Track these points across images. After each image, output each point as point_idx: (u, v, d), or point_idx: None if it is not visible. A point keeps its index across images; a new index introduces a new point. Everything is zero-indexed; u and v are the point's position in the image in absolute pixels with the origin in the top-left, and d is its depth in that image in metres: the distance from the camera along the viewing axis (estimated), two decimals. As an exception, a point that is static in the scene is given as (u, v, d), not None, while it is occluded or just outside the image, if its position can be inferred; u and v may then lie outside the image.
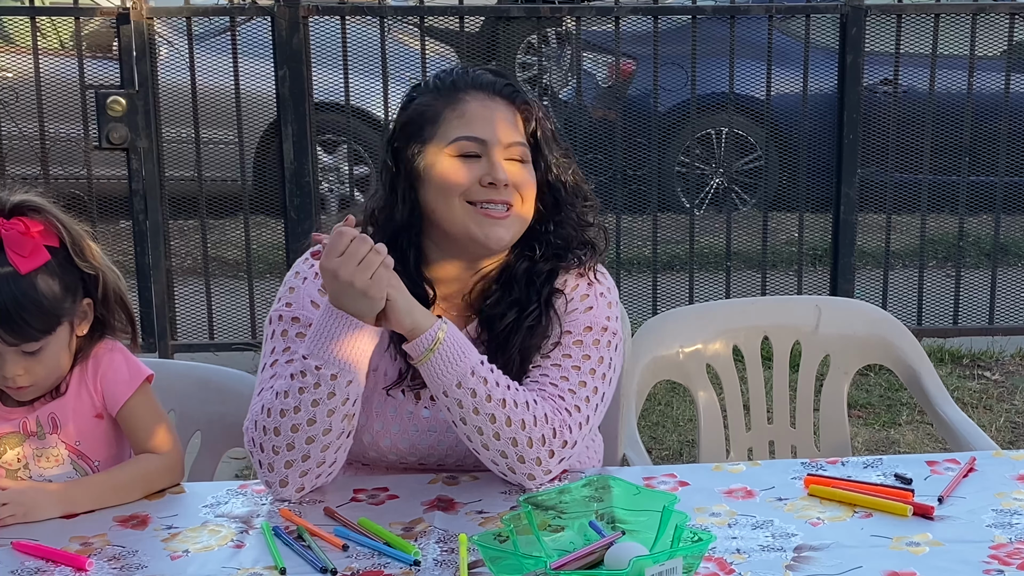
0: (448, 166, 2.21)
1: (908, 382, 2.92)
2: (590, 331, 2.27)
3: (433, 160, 2.22)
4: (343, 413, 2.13)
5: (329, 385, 2.10)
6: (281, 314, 2.25)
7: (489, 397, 2.12)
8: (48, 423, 2.21)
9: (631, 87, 6.19)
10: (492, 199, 2.20)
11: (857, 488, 2.13)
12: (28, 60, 5.16)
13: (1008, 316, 5.55)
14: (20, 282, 2.10)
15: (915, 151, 5.44)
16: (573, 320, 2.28)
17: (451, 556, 1.95)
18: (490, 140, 2.21)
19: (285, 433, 2.12)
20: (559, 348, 2.25)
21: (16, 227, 2.12)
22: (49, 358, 2.16)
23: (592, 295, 2.31)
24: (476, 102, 2.24)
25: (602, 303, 2.31)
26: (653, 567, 1.75)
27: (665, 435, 4.65)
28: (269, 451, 2.14)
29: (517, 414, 2.14)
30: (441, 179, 2.21)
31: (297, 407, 2.11)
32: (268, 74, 5.09)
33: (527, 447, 2.14)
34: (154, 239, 5.09)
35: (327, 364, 2.09)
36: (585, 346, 2.26)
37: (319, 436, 2.12)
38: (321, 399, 2.10)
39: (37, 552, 1.99)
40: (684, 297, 5.37)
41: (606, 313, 2.31)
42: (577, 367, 2.24)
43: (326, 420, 2.11)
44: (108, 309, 2.24)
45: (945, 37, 5.25)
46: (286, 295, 2.27)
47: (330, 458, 2.15)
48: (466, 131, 2.21)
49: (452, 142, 2.21)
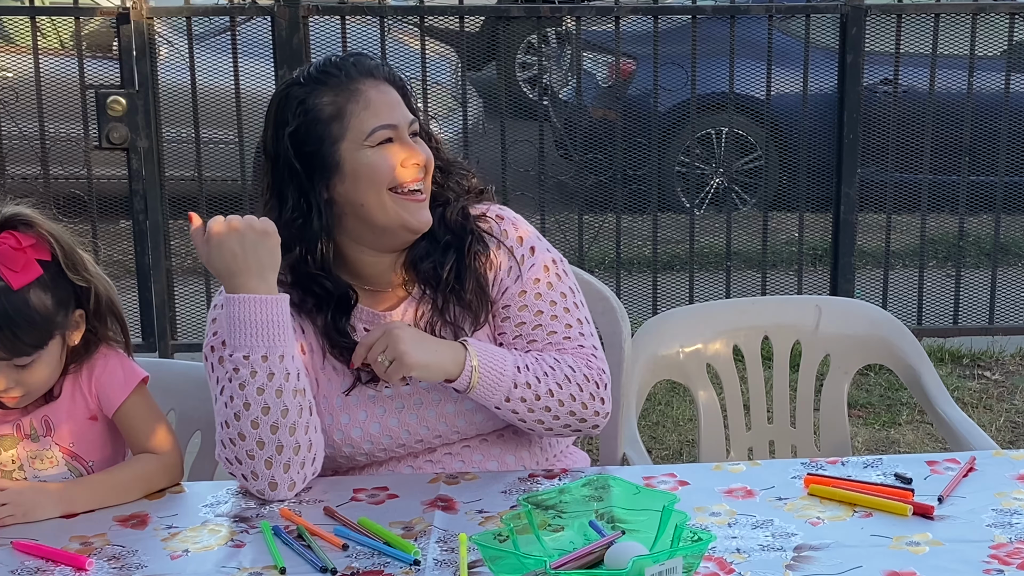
0: (374, 158, 2.22)
1: (908, 382, 2.92)
2: (547, 271, 2.33)
3: (354, 156, 2.21)
4: (291, 389, 2.14)
5: (263, 367, 2.11)
6: (212, 345, 2.25)
7: (537, 396, 2.23)
8: (42, 426, 2.21)
9: (631, 87, 6.19)
10: (415, 178, 2.22)
11: (857, 488, 2.13)
12: (28, 60, 5.15)
13: (1008, 316, 5.55)
14: (12, 298, 2.09)
15: (915, 151, 5.44)
16: (530, 269, 2.31)
17: (451, 556, 1.95)
18: (399, 123, 2.24)
19: (249, 434, 2.13)
20: (540, 300, 2.31)
21: (7, 241, 2.11)
22: (41, 370, 2.15)
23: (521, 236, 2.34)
24: (373, 89, 2.25)
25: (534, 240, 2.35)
26: (653, 567, 1.75)
27: (665, 435, 4.65)
28: (245, 459, 2.14)
29: (564, 392, 2.24)
30: (371, 171, 2.21)
31: (247, 403, 2.12)
32: (268, 74, 5.08)
33: (584, 409, 2.28)
34: (154, 239, 5.09)
35: (251, 348, 2.12)
36: (554, 287, 2.32)
37: (280, 421, 2.13)
38: (263, 385, 2.12)
39: (37, 552, 1.99)
40: (684, 297, 5.37)
41: (542, 246, 2.35)
42: (567, 309, 2.32)
43: (278, 402, 2.12)
44: (100, 319, 2.23)
45: (945, 37, 5.24)
46: (211, 327, 2.28)
47: (304, 441, 2.15)
48: (378, 120, 2.22)
49: (371, 134, 2.21)
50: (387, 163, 2.21)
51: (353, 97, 2.22)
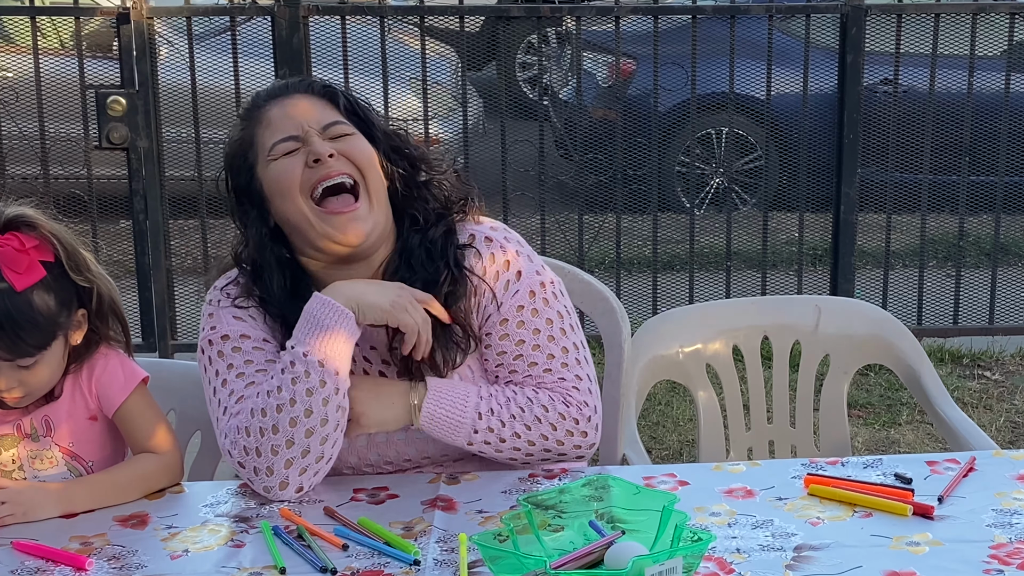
0: (275, 170, 2.21)
1: (908, 382, 2.92)
2: (533, 296, 2.27)
3: (263, 174, 2.23)
4: (336, 404, 2.13)
5: (318, 372, 2.10)
6: (210, 339, 2.25)
7: (502, 439, 2.22)
8: (42, 425, 2.21)
9: (631, 87, 6.19)
10: (328, 175, 2.18)
11: (857, 488, 2.13)
12: (28, 60, 5.15)
13: (1008, 316, 5.55)
14: (16, 299, 2.09)
15: (915, 151, 5.44)
16: (513, 296, 2.26)
17: (451, 556, 1.95)
18: (302, 132, 2.22)
19: (284, 429, 2.12)
20: (523, 328, 2.25)
21: (11, 243, 2.11)
22: (43, 370, 2.15)
23: (508, 260, 2.28)
24: (276, 108, 2.26)
25: (522, 263, 2.29)
26: (653, 567, 1.75)
27: (665, 435, 4.65)
28: (267, 453, 2.13)
29: (535, 432, 2.23)
30: (276, 184, 2.21)
31: (293, 399, 2.11)
32: (268, 74, 5.08)
33: (560, 445, 2.25)
34: (154, 239, 5.09)
35: (312, 351, 2.11)
36: (540, 314, 2.27)
37: (317, 428, 2.12)
38: (314, 388, 2.11)
39: (37, 552, 1.99)
40: (684, 297, 5.37)
41: (531, 268, 2.29)
42: (551, 337, 2.27)
43: (322, 410, 2.12)
44: (102, 319, 2.23)
45: (945, 37, 5.24)
46: (208, 322, 2.28)
47: (328, 452, 2.15)
48: (277, 135, 2.22)
49: (271, 148, 2.22)
50: (289, 169, 2.20)
51: (258, 121, 2.26)
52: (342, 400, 2.14)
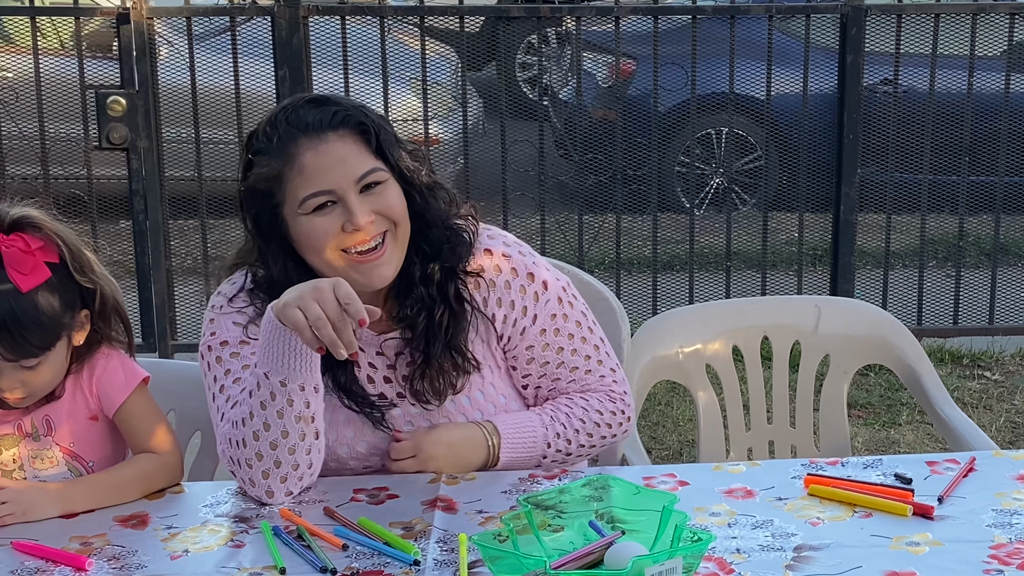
0: (307, 226, 2.17)
1: (908, 382, 2.92)
2: (561, 302, 2.34)
3: (292, 223, 2.18)
4: (294, 415, 2.11)
5: (267, 384, 2.10)
6: (210, 344, 2.26)
7: (569, 453, 2.34)
8: (43, 425, 2.21)
9: (631, 87, 6.18)
10: (362, 240, 2.16)
11: (857, 488, 2.13)
12: (28, 60, 5.15)
13: (1008, 316, 5.55)
14: (21, 300, 2.09)
15: (915, 151, 5.43)
16: (545, 306, 2.32)
17: (451, 556, 1.95)
18: (338, 188, 2.15)
19: (251, 443, 2.13)
20: (560, 336, 2.33)
21: (16, 244, 2.11)
22: (46, 371, 2.16)
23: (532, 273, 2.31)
24: (310, 152, 2.15)
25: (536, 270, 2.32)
26: (653, 567, 1.76)
27: (665, 435, 4.65)
28: (244, 465, 2.15)
29: (596, 436, 2.36)
30: (306, 240, 2.18)
31: (251, 413, 2.12)
32: (268, 74, 5.08)
33: (613, 437, 2.39)
34: (154, 239, 5.09)
35: (274, 372, 2.09)
36: (569, 318, 2.35)
37: (280, 440, 2.12)
38: (267, 401, 2.11)
39: (37, 552, 1.99)
40: (684, 297, 5.37)
41: (544, 277, 2.33)
42: (584, 339, 2.36)
43: (279, 423, 2.11)
44: (105, 320, 2.23)
45: (945, 37, 5.24)
46: (208, 327, 2.28)
47: (303, 461, 2.15)
48: (311, 188, 2.15)
49: (302, 203, 2.16)
50: (323, 231, 2.15)
51: (288, 163, 2.15)
52: (304, 410, 2.12)
